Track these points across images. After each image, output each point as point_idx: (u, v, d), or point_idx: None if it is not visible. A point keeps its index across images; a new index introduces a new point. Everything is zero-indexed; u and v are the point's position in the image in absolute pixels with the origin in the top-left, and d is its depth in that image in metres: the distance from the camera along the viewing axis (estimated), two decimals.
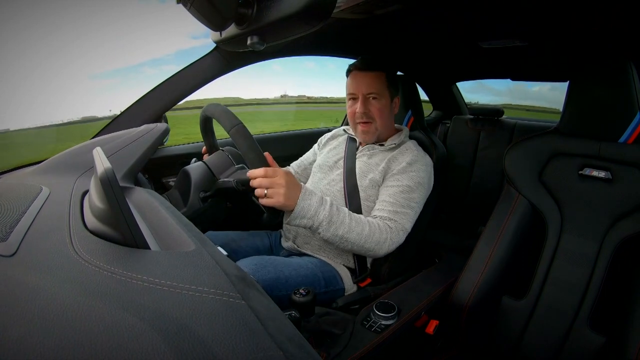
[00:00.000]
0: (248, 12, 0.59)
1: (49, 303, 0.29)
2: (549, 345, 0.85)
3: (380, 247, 0.89)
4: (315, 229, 0.81)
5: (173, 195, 0.89)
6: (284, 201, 0.74)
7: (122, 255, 0.38)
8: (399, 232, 0.92)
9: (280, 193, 0.74)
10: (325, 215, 0.80)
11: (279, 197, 0.74)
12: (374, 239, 0.87)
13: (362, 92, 1.02)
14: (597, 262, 0.83)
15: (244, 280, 0.36)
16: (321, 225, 0.81)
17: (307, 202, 0.79)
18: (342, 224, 0.83)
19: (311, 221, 0.80)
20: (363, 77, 1.02)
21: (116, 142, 0.80)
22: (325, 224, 0.81)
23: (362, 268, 1.02)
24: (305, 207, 0.78)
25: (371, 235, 0.87)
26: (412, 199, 0.97)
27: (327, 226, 0.81)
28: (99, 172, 0.37)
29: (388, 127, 1.09)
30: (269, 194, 0.74)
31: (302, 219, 0.79)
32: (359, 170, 1.05)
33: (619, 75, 0.80)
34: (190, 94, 1.12)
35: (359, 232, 0.85)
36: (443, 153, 1.17)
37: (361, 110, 1.02)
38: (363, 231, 0.86)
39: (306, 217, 0.79)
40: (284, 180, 0.74)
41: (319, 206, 0.80)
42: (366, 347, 0.72)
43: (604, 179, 0.84)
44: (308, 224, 0.80)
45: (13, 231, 0.42)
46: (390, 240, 0.90)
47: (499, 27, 1.01)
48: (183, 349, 0.25)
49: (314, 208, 0.79)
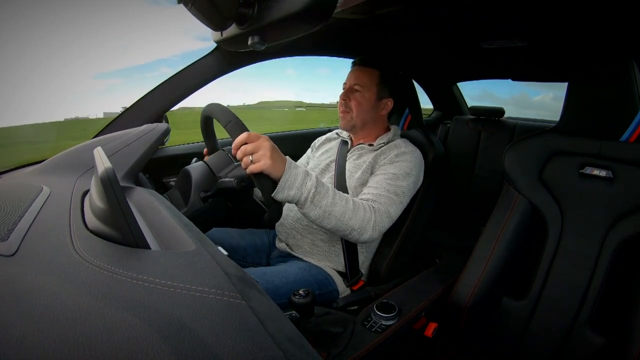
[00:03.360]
0: (249, 12, 0.59)
1: (50, 303, 0.29)
2: (550, 346, 0.85)
3: (364, 228, 0.85)
4: (301, 203, 0.78)
5: (173, 195, 0.89)
6: (271, 163, 0.71)
7: (122, 255, 0.38)
8: (382, 215, 0.89)
9: (266, 155, 0.71)
10: (312, 184, 0.77)
11: (265, 159, 0.70)
12: (358, 216, 0.84)
13: (350, 83, 1.08)
14: (598, 262, 0.82)
15: (244, 280, 0.36)
16: (307, 198, 0.77)
17: (294, 171, 0.75)
18: (326, 195, 0.80)
19: (299, 192, 0.76)
20: (356, 71, 1.08)
21: (117, 142, 0.80)
22: (311, 195, 0.77)
23: (353, 270, 1.01)
24: (292, 176, 0.75)
25: (355, 212, 0.83)
26: (399, 186, 0.95)
27: (312, 197, 0.77)
28: (100, 172, 0.37)
29: (365, 122, 1.09)
30: (255, 159, 0.71)
31: (289, 189, 0.75)
32: (348, 172, 1.06)
33: (620, 73, 0.80)
34: (191, 94, 1.12)
35: (343, 206, 0.82)
36: (441, 152, 1.17)
37: (341, 97, 1.09)
38: (347, 206, 0.83)
39: (294, 187, 0.75)
40: (268, 143, 0.72)
41: (305, 176, 0.77)
42: (366, 347, 0.72)
43: (605, 178, 0.84)
44: (295, 195, 0.76)
45: (13, 231, 0.42)
46: (374, 223, 0.87)
47: (500, 27, 1.01)
48: (183, 348, 0.25)
49: (300, 177, 0.76)
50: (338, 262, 1.01)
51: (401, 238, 1.07)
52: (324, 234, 1.02)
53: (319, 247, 1.02)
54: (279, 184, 0.74)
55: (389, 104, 1.09)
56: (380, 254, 1.06)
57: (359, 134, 1.12)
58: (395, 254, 1.04)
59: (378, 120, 1.11)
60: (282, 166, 0.73)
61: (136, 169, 0.77)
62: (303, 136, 1.72)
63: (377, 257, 1.06)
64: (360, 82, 1.06)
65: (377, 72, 1.06)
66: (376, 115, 1.09)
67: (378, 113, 1.09)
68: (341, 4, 0.82)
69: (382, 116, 1.11)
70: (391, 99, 1.09)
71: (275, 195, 0.75)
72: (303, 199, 0.77)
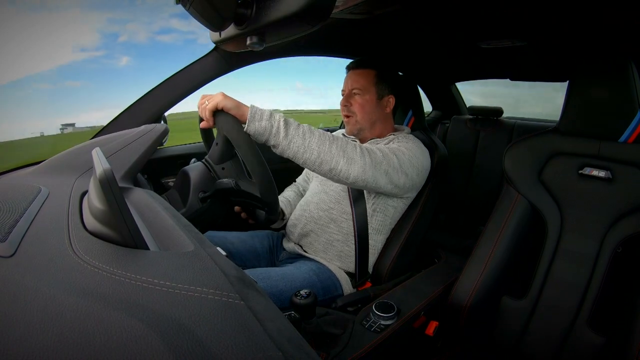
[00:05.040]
0: (247, 12, 0.59)
1: (48, 304, 0.29)
2: (549, 345, 0.85)
3: (351, 162, 0.81)
4: (274, 134, 0.77)
5: (172, 196, 0.89)
6: (223, 98, 0.75)
7: (121, 255, 0.38)
8: (376, 163, 0.86)
9: (218, 96, 0.75)
10: (280, 116, 0.78)
11: (217, 97, 0.75)
12: (340, 147, 0.80)
13: (348, 88, 1.08)
14: (597, 262, 0.82)
15: (242, 280, 0.36)
16: (279, 127, 0.76)
17: (259, 108, 0.77)
18: (299, 126, 0.79)
19: (269, 123, 0.76)
20: (352, 74, 1.09)
21: (115, 142, 0.80)
22: (282, 123, 0.77)
23: (362, 272, 1.02)
24: (259, 110, 0.76)
25: (338, 145, 0.80)
26: (401, 152, 0.95)
27: (285, 128, 0.77)
28: (98, 172, 0.37)
29: (373, 122, 1.09)
30: (209, 102, 0.75)
31: (260, 120, 0.75)
32: None
33: (619, 74, 0.80)
34: (190, 95, 1.12)
35: (321, 136, 0.80)
36: (444, 154, 1.17)
37: (343, 103, 1.09)
38: (325, 136, 0.80)
39: (263, 118, 0.76)
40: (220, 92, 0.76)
41: (272, 111, 0.78)
42: (366, 347, 0.72)
43: (604, 178, 0.84)
44: (267, 126, 0.76)
45: (12, 232, 0.42)
46: (362, 162, 0.83)
47: (498, 27, 1.01)
48: (182, 349, 0.25)
49: (268, 111, 0.77)
50: (349, 262, 1.02)
51: (405, 238, 1.07)
52: (339, 234, 1.02)
53: (333, 247, 1.02)
54: (248, 117, 0.75)
55: (390, 100, 1.10)
56: (383, 254, 1.07)
57: (368, 135, 1.12)
58: (399, 254, 1.04)
59: (384, 118, 1.11)
60: (239, 104, 0.76)
61: (135, 170, 0.77)
62: None
63: (381, 257, 1.07)
64: (358, 85, 1.06)
65: (373, 72, 1.07)
66: (382, 113, 1.10)
67: (383, 111, 1.10)
68: (339, 4, 0.82)
69: (387, 114, 1.11)
70: (392, 96, 1.10)
71: (247, 128, 0.76)
72: (275, 129, 0.77)
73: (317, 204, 1.07)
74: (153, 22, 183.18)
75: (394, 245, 1.06)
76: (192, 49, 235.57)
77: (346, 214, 1.03)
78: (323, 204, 1.06)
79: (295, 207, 1.15)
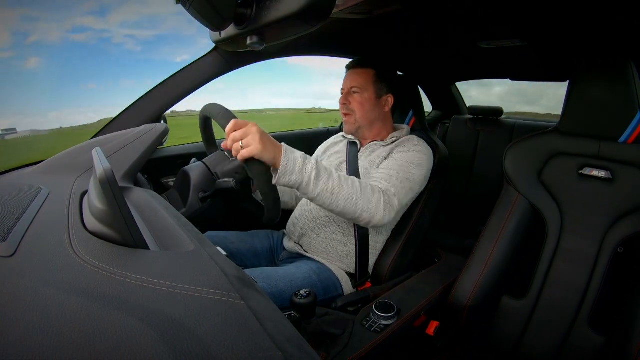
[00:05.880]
0: (247, 12, 0.59)
1: (48, 303, 0.29)
2: (549, 345, 0.85)
3: (376, 209, 0.84)
4: (304, 187, 0.77)
5: (172, 196, 0.89)
6: (261, 147, 0.70)
7: (121, 255, 0.38)
8: (392, 197, 0.88)
9: (255, 139, 0.70)
10: (312, 167, 0.76)
11: (255, 143, 0.70)
12: (366, 196, 0.83)
13: (347, 86, 1.09)
14: (597, 262, 0.83)
15: (242, 280, 0.36)
16: (310, 180, 0.76)
17: (292, 156, 0.75)
18: (330, 177, 0.79)
19: (300, 176, 0.75)
20: (351, 73, 1.10)
21: (115, 142, 0.80)
22: (313, 178, 0.76)
23: (362, 272, 1.02)
24: (290, 160, 0.74)
25: (363, 192, 0.83)
26: (411, 173, 0.96)
27: (315, 181, 0.76)
28: (99, 172, 0.37)
29: (372, 121, 1.10)
30: (244, 144, 0.70)
31: (290, 174, 0.74)
32: (364, 170, 1.05)
33: (618, 74, 0.80)
34: (190, 94, 1.12)
35: (349, 187, 0.81)
36: (445, 154, 1.17)
37: (342, 102, 1.10)
38: (354, 187, 0.82)
39: (294, 171, 0.74)
40: (255, 128, 0.71)
41: (304, 160, 0.76)
42: (366, 347, 0.72)
43: (604, 178, 0.84)
44: (297, 179, 0.75)
45: (12, 232, 0.42)
46: (384, 204, 0.86)
47: (498, 27, 1.01)
48: (182, 349, 0.25)
49: (300, 162, 0.75)
50: (350, 263, 1.02)
51: (405, 238, 1.07)
52: (339, 234, 1.02)
53: (333, 247, 1.02)
54: (279, 170, 0.73)
55: (389, 100, 1.10)
56: (384, 254, 1.07)
57: (368, 134, 1.12)
58: (399, 254, 1.04)
59: (383, 117, 1.11)
60: (274, 151, 0.73)
61: (135, 170, 0.77)
62: (303, 136, 1.72)
63: (381, 258, 1.07)
64: (357, 84, 1.07)
65: (372, 72, 1.08)
66: (381, 113, 1.10)
67: (382, 110, 1.10)
68: (340, 4, 0.82)
69: (386, 113, 1.11)
70: (391, 95, 1.10)
71: (277, 182, 0.74)
72: (305, 182, 0.76)
73: None
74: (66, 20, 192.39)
75: (394, 246, 1.06)
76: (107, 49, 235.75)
77: None
78: None
79: (296, 207, 1.15)
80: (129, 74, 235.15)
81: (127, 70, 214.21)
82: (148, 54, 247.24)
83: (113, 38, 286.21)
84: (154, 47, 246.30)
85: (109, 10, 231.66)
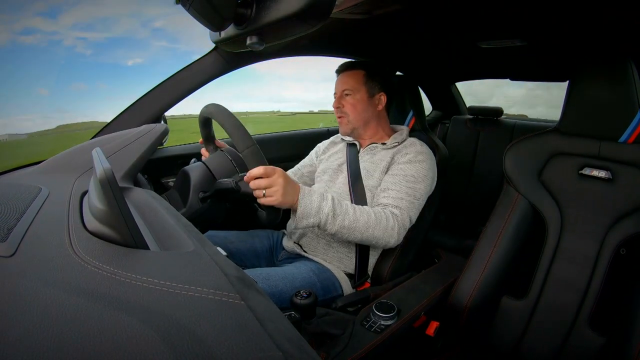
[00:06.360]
0: (247, 12, 0.59)
1: (48, 304, 0.29)
2: (550, 345, 0.85)
3: (391, 235, 0.90)
4: (322, 226, 0.83)
5: (172, 196, 0.89)
6: (282, 200, 0.76)
7: (121, 255, 0.38)
8: (404, 220, 0.94)
9: (278, 192, 0.75)
10: (329, 208, 0.82)
11: (277, 195, 0.75)
12: (381, 226, 0.88)
13: (339, 90, 1.11)
14: (597, 262, 0.82)
15: (243, 280, 0.36)
16: (327, 220, 0.82)
17: (309, 199, 0.80)
18: (346, 214, 0.85)
19: (317, 218, 0.81)
20: (342, 76, 1.12)
21: (115, 142, 0.80)
22: (330, 217, 0.82)
23: (362, 273, 1.02)
24: (307, 205, 0.80)
25: (378, 223, 0.88)
26: (417, 189, 0.98)
27: (332, 220, 0.83)
28: (99, 172, 0.37)
29: (366, 121, 1.10)
30: (267, 194, 0.75)
31: (307, 218, 0.80)
32: (365, 171, 1.06)
33: (618, 74, 0.80)
34: (190, 95, 1.12)
35: (365, 221, 0.86)
36: (445, 154, 1.17)
37: (335, 105, 1.11)
38: (369, 219, 0.87)
39: (311, 215, 0.80)
40: (282, 180, 0.76)
41: (321, 201, 0.82)
42: (366, 347, 0.72)
43: (604, 178, 0.84)
44: (315, 221, 0.81)
45: (12, 232, 0.42)
46: (398, 229, 0.91)
47: (498, 27, 1.01)
48: (182, 349, 0.25)
49: (316, 204, 0.81)
50: (349, 263, 1.02)
51: (405, 239, 1.07)
52: None
53: (334, 249, 1.02)
54: (297, 214, 0.79)
55: (382, 98, 1.10)
56: (384, 254, 1.06)
57: (365, 135, 1.12)
58: (399, 255, 1.04)
59: (377, 116, 1.12)
60: (293, 198, 0.79)
61: (135, 170, 0.77)
62: (303, 136, 1.72)
63: (381, 258, 1.06)
64: (348, 86, 1.08)
65: (362, 72, 1.09)
66: (374, 112, 1.10)
67: (375, 110, 1.10)
68: (339, 4, 0.82)
69: (380, 112, 1.12)
70: (383, 93, 1.10)
71: (296, 226, 0.81)
72: (323, 222, 0.82)
73: None
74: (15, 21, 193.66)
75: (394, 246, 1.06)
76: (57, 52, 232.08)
77: None
78: None
79: None
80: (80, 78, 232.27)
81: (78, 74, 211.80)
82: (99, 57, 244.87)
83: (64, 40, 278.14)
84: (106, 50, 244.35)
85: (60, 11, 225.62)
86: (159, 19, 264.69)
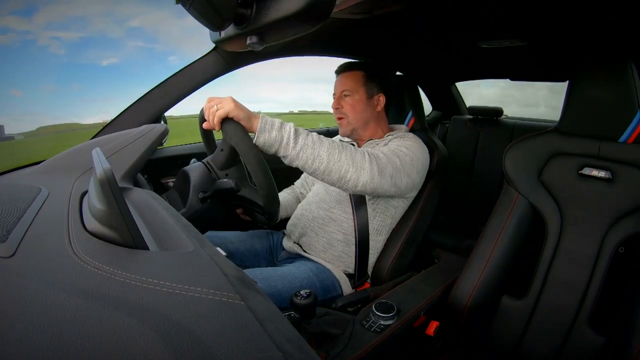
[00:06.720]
0: (247, 12, 0.59)
1: (48, 304, 0.29)
2: (549, 345, 0.85)
3: (361, 168, 0.83)
4: (285, 143, 0.77)
5: (172, 196, 0.89)
6: (235, 107, 0.73)
7: (121, 256, 0.38)
8: (381, 164, 0.87)
9: (229, 103, 0.73)
10: (291, 126, 0.78)
11: (228, 104, 0.73)
12: (349, 152, 0.82)
13: (338, 91, 1.10)
14: (597, 262, 0.82)
15: (242, 280, 0.36)
16: (290, 136, 0.77)
17: (270, 119, 0.77)
18: (309, 134, 0.80)
19: (280, 133, 0.76)
20: (341, 77, 1.11)
21: (115, 142, 0.80)
22: (293, 132, 0.77)
23: (361, 273, 1.02)
24: (269, 121, 0.76)
25: (346, 148, 0.82)
26: (400, 151, 0.96)
27: (295, 136, 0.77)
28: (98, 172, 0.37)
29: (365, 122, 1.10)
30: (218, 107, 0.74)
31: (270, 131, 0.76)
32: None
33: (618, 74, 0.80)
34: (190, 95, 1.12)
35: (330, 142, 0.81)
36: (445, 154, 1.17)
37: (334, 106, 1.11)
38: (335, 142, 0.82)
39: (274, 128, 0.76)
40: (230, 97, 0.75)
41: (282, 122, 0.78)
42: (366, 347, 0.72)
43: (604, 178, 0.84)
44: (277, 137, 0.76)
45: (12, 232, 0.42)
46: (369, 161, 0.84)
47: (498, 27, 1.01)
48: (182, 349, 0.25)
49: (278, 122, 0.77)
50: (349, 263, 1.02)
51: (405, 238, 1.07)
52: (340, 233, 1.03)
53: (333, 247, 1.02)
54: (258, 127, 0.75)
55: (381, 99, 1.10)
56: (384, 254, 1.06)
57: (364, 136, 1.13)
58: (399, 255, 1.05)
59: (377, 117, 1.12)
60: (249, 113, 0.76)
61: (135, 170, 0.77)
62: None
63: (381, 258, 1.07)
64: (347, 87, 1.08)
65: (361, 73, 1.08)
66: (373, 112, 1.10)
67: (374, 110, 1.10)
68: (339, 4, 0.82)
69: (379, 112, 1.12)
70: (382, 94, 1.10)
71: (257, 140, 0.76)
72: (285, 140, 0.77)
73: (318, 204, 1.07)
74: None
75: (394, 246, 1.06)
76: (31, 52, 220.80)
77: (347, 214, 1.03)
78: (324, 204, 1.06)
79: (295, 208, 1.16)
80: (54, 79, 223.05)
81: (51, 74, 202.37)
82: (73, 57, 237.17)
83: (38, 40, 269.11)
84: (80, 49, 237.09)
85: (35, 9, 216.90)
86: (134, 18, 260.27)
